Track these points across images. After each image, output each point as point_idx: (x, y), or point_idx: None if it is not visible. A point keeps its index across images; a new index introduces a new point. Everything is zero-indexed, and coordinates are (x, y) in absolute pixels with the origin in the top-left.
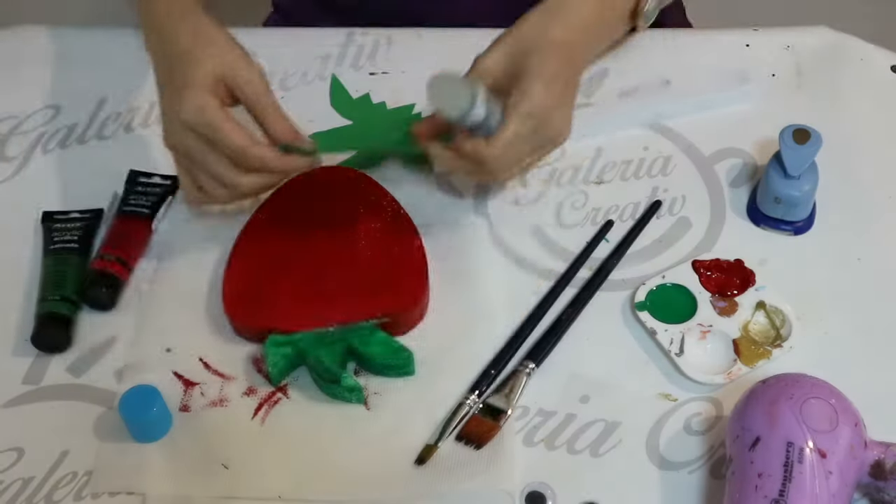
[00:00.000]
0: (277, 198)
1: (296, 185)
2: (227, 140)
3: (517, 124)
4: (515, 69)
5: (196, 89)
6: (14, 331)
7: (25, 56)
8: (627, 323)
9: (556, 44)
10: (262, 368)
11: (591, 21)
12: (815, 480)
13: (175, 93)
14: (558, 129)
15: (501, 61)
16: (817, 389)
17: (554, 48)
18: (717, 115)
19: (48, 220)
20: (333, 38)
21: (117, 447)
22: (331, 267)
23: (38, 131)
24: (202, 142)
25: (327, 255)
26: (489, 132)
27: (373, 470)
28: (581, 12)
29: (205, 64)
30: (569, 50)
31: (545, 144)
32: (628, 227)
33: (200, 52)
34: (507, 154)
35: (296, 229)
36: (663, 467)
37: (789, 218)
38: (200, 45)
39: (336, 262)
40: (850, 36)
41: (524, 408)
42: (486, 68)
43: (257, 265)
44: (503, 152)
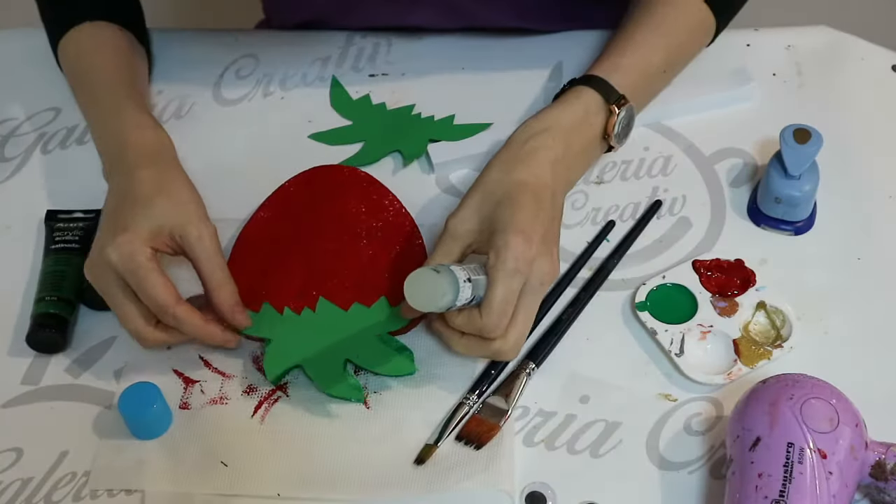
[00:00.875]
0: (278, 197)
1: (297, 184)
2: (151, 291)
3: (504, 284)
4: (489, 224)
5: (132, 234)
6: (13, 331)
7: (25, 57)
8: (627, 323)
9: (523, 185)
10: (262, 367)
11: (560, 159)
12: (816, 481)
13: (111, 231)
14: (549, 277)
15: (474, 219)
16: (818, 390)
17: (522, 191)
18: (717, 115)
19: (51, 219)
20: (333, 40)
21: (116, 444)
22: (332, 266)
23: (37, 132)
24: (120, 287)
25: (328, 254)
26: (478, 300)
27: (372, 469)
28: (546, 156)
29: (154, 214)
30: (539, 188)
31: (537, 293)
32: (628, 227)
33: (156, 201)
34: (503, 315)
35: (296, 228)
36: (663, 467)
37: (790, 218)
38: (158, 193)
39: (337, 261)
40: (850, 36)
41: (524, 408)
42: (458, 230)
43: (258, 264)
44: (498, 314)
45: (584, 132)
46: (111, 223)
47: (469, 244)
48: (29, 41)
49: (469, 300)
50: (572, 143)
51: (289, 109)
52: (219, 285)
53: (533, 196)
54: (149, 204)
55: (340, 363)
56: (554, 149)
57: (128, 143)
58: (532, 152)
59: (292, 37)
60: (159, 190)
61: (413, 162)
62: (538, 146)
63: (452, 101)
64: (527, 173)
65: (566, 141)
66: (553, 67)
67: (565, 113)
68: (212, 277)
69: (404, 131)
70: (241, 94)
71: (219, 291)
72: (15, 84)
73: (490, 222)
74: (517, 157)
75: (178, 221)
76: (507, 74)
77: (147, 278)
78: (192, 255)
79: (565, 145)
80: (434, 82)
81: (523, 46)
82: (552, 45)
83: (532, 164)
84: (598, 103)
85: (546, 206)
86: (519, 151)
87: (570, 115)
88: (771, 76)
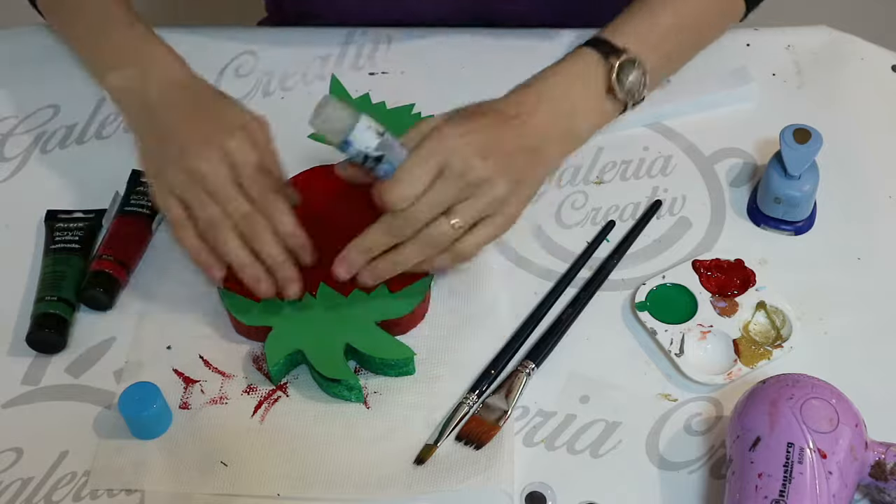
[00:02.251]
0: None
1: (298, 183)
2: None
3: (412, 157)
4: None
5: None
6: (13, 331)
7: (25, 56)
8: (627, 323)
9: (485, 103)
10: (262, 367)
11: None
12: (816, 481)
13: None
14: (476, 173)
15: (442, 117)
16: (818, 390)
17: (480, 106)
18: (717, 115)
19: (51, 219)
20: (333, 38)
21: (116, 444)
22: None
23: (37, 131)
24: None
25: (328, 253)
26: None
27: (372, 469)
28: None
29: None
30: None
31: (461, 186)
32: (628, 227)
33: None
34: (406, 187)
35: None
36: (663, 467)
37: (790, 218)
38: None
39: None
40: (850, 35)
41: (524, 408)
42: (420, 127)
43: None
44: (400, 184)
45: (579, 88)
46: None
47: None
48: (28, 40)
49: (376, 157)
50: (565, 95)
51: (289, 109)
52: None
53: (490, 109)
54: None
55: (340, 348)
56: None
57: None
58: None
59: (291, 33)
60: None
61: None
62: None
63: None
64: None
65: (558, 90)
66: None
67: (558, 75)
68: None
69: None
70: (242, 94)
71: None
72: (13, 82)
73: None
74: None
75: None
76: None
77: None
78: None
79: (556, 93)
80: (434, 81)
81: (524, 46)
82: (553, 44)
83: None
84: (595, 60)
85: (506, 122)
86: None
87: (563, 75)
88: (771, 76)
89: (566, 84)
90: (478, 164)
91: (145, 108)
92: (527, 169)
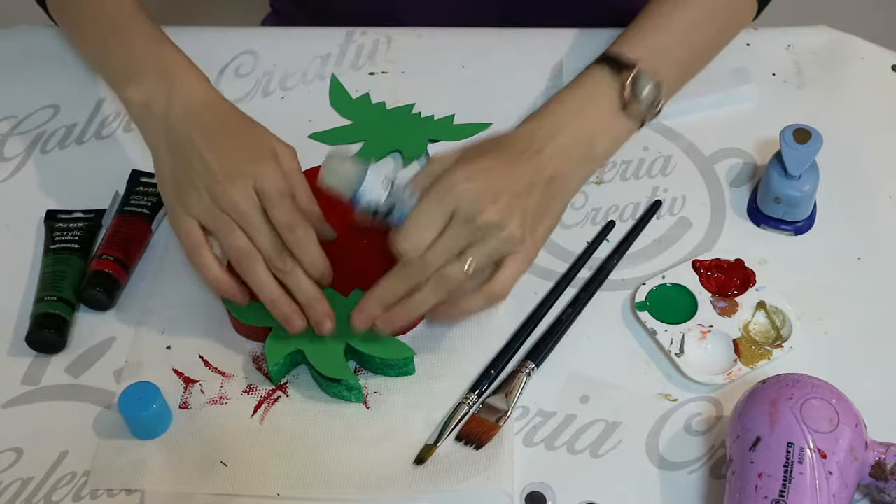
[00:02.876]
0: None
1: None
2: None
3: (422, 204)
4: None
5: (271, 160)
6: (13, 331)
7: (25, 56)
8: (627, 323)
9: (499, 137)
10: (262, 367)
11: (563, 130)
12: (816, 481)
13: (241, 161)
14: (486, 217)
15: (450, 159)
16: (818, 390)
17: (495, 141)
18: (717, 115)
19: (51, 219)
20: (333, 38)
21: (116, 444)
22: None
23: (36, 131)
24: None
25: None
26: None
27: (372, 469)
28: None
29: (268, 135)
30: (516, 141)
31: (471, 231)
32: (628, 227)
33: (260, 126)
34: (417, 234)
35: None
36: (663, 467)
37: (790, 218)
38: (252, 121)
39: (337, 256)
40: (850, 35)
41: (524, 408)
42: (432, 167)
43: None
44: (411, 231)
45: (595, 109)
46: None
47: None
48: (28, 40)
49: (387, 210)
50: (580, 123)
51: (289, 109)
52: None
53: (504, 145)
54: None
55: (341, 348)
56: (553, 122)
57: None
58: (523, 122)
59: (291, 33)
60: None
61: (413, 162)
62: (534, 118)
63: (452, 100)
64: (508, 132)
65: (572, 117)
66: (553, 67)
67: (571, 98)
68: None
69: (404, 131)
70: (242, 94)
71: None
72: (13, 82)
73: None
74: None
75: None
76: (507, 74)
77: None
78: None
79: (571, 121)
80: (434, 81)
81: (524, 45)
82: (553, 44)
83: (519, 128)
84: (606, 75)
85: (522, 157)
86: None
87: (576, 98)
88: (771, 76)
89: (579, 107)
90: (487, 208)
91: (167, 126)
92: (543, 203)
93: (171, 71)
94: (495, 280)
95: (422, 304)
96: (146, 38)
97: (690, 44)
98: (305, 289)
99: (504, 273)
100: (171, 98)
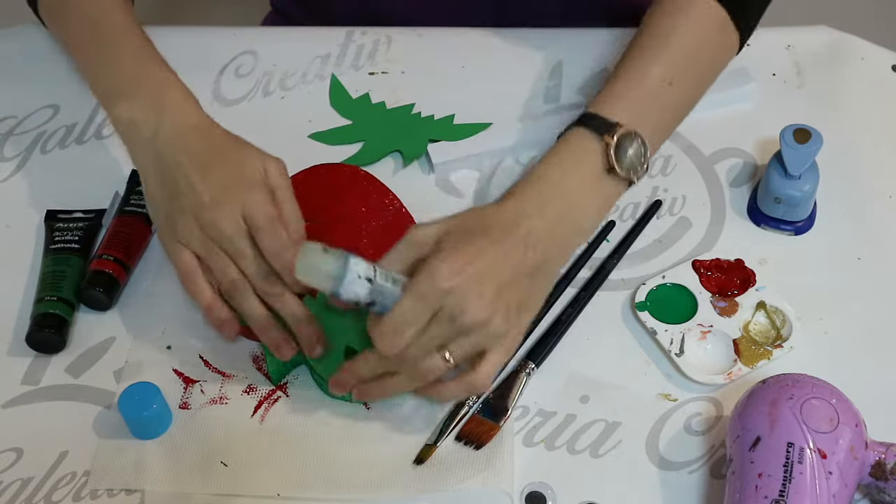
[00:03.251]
0: None
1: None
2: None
3: (406, 302)
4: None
5: (259, 186)
6: (13, 331)
7: (25, 55)
8: (627, 323)
9: (486, 220)
10: (262, 367)
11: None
12: (816, 481)
13: (229, 187)
14: (470, 317)
15: (432, 235)
16: (818, 390)
17: (481, 227)
18: (717, 115)
19: (51, 218)
20: (333, 38)
21: (116, 444)
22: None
23: (36, 131)
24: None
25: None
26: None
27: (372, 469)
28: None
29: (255, 158)
30: (503, 229)
31: (454, 330)
32: (628, 227)
33: (247, 148)
34: (397, 332)
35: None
36: (663, 467)
37: (790, 218)
38: (241, 142)
39: None
40: (850, 35)
41: (524, 408)
42: (415, 237)
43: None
44: (392, 329)
45: (579, 177)
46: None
47: (422, 257)
48: (29, 40)
49: (369, 302)
50: (565, 193)
51: (289, 109)
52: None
53: (491, 233)
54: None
55: (341, 349)
56: (537, 200)
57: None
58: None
59: (291, 33)
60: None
61: (413, 162)
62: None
63: (452, 100)
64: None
65: (555, 189)
66: (553, 67)
67: (553, 167)
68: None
69: (404, 131)
70: (242, 94)
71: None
72: (13, 82)
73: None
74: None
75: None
76: (507, 74)
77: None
78: (277, 194)
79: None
80: (434, 81)
81: (524, 45)
82: (553, 44)
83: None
84: (588, 138)
85: (506, 247)
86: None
87: (558, 165)
88: (771, 76)
89: (561, 176)
90: (472, 307)
91: (154, 147)
92: (528, 293)
93: (161, 91)
94: (477, 371)
95: (398, 388)
96: (136, 56)
97: (674, 92)
98: (293, 311)
99: (485, 365)
100: (160, 119)
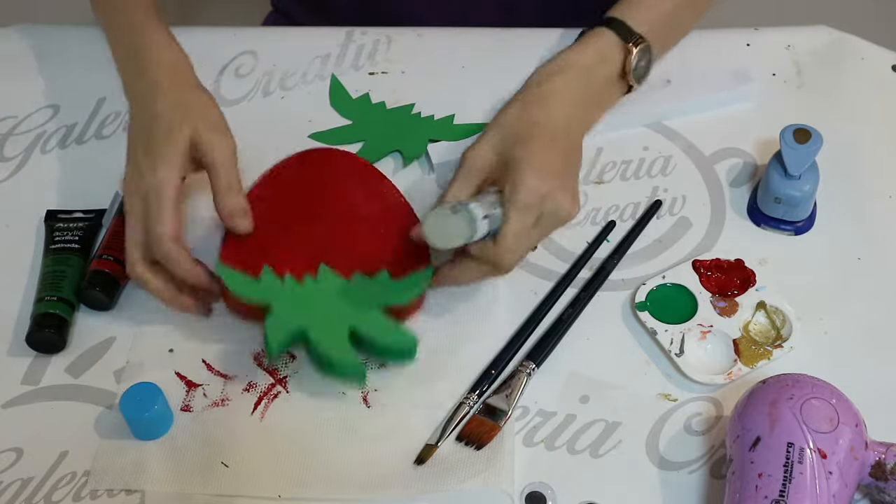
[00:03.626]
0: (272, 180)
1: (292, 167)
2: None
3: (517, 219)
4: (505, 161)
5: (167, 167)
6: (13, 331)
7: (25, 55)
8: (627, 323)
9: (536, 125)
10: (263, 363)
11: (576, 99)
12: (816, 481)
13: (145, 155)
14: (565, 211)
15: (490, 155)
16: (818, 390)
17: (536, 130)
18: (717, 115)
19: (51, 218)
20: (333, 38)
21: (117, 444)
22: (330, 244)
23: (36, 131)
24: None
25: (325, 240)
26: (494, 232)
27: (372, 469)
28: (561, 97)
29: (181, 138)
30: (553, 128)
31: (553, 225)
32: (628, 227)
33: (184, 125)
34: (516, 247)
35: (293, 209)
36: (663, 467)
37: (790, 218)
38: (185, 115)
39: (335, 241)
40: (850, 35)
41: (524, 408)
42: (475, 164)
43: (253, 246)
44: (512, 248)
45: (600, 72)
46: (143, 148)
47: (485, 178)
48: (29, 40)
49: (485, 234)
50: (588, 83)
51: (289, 109)
52: (226, 189)
53: (547, 135)
54: (177, 129)
55: (344, 331)
56: (569, 90)
57: (148, 62)
58: (547, 94)
59: (291, 33)
60: (185, 110)
61: (413, 162)
62: (553, 88)
63: (452, 100)
64: (541, 114)
65: (582, 81)
66: None
67: (582, 54)
68: (219, 183)
69: (404, 131)
70: (242, 94)
71: (224, 195)
72: (13, 82)
73: (506, 159)
74: (533, 98)
75: (201, 135)
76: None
77: (161, 208)
78: (206, 163)
79: (581, 85)
80: (434, 81)
81: (524, 45)
82: (553, 44)
83: (547, 105)
84: (615, 44)
85: (560, 144)
86: (534, 93)
87: (586, 56)
88: (771, 76)
89: (588, 72)
90: (566, 203)
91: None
92: (575, 172)
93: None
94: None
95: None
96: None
97: (678, 21)
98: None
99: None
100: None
